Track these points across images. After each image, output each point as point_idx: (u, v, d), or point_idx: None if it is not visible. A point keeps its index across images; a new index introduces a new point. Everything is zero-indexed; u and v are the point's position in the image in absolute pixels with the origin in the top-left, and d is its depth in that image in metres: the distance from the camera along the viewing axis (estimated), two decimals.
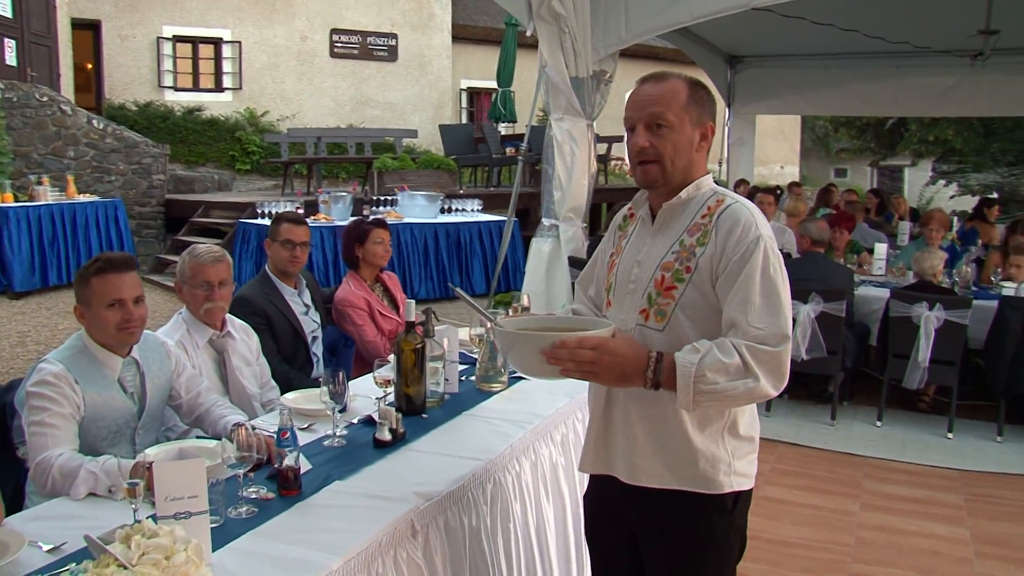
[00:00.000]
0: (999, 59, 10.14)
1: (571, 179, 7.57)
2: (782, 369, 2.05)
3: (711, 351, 2.02)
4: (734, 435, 2.21)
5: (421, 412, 3.22)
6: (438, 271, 10.46)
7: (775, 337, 2.03)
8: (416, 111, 18.98)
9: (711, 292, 2.13)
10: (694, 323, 2.15)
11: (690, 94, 2.19)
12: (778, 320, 2.05)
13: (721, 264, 2.11)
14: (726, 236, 2.11)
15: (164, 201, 12.47)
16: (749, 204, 2.20)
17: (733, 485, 2.20)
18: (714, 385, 2.00)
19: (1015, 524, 4.76)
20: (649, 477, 2.22)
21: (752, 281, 2.06)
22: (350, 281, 4.68)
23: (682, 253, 2.17)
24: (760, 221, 2.13)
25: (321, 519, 2.30)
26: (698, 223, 2.18)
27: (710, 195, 2.23)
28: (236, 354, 3.56)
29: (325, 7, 17.87)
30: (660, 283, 2.19)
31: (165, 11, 16.35)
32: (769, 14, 8.00)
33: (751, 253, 2.08)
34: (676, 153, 2.18)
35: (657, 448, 2.20)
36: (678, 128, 2.17)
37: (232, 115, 16.75)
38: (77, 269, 2.95)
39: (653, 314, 2.19)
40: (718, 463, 2.18)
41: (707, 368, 2.00)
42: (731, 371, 2.00)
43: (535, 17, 7.04)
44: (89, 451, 2.68)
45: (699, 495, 2.18)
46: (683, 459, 2.18)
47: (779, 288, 2.08)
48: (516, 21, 15.71)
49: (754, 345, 2.02)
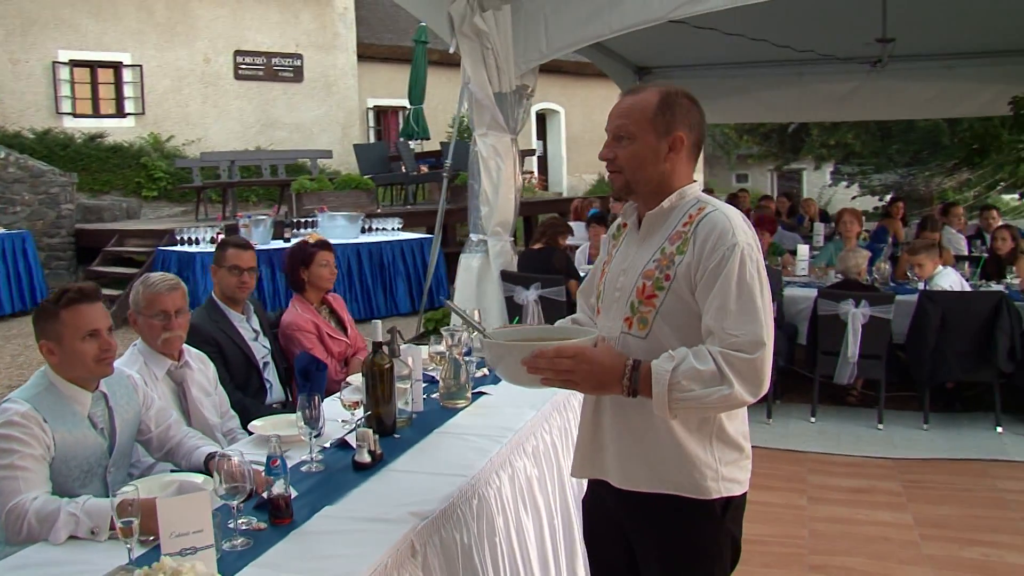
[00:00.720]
0: (895, 66, 10.61)
1: (498, 194, 7.59)
2: (759, 376, 2.05)
3: (687, 359, 2.05)
4: (722, 440, 2.23)
5: (392, 432, 3.20)
6: (362, 291, 10.37)
7: (751, 344, 2.04)
8: (324, 131, 18.80)
9: (691, 300, 2.16)
10: (675, 331, 2.18)
11: (659, 105, 2.22)
12: (754, 327, 2.06)
13: (699, 272, 2.13)
14: (703, 244, 2.14)
15: (74, 231, 12.07)
16: (730, 211, 2.21)
17: (722, 491, 2.21)
18: (689, 392, 2.03)
19: (952, 506, 4.97)
20: (638, 481, 2.25)
21: (728, 288, 2.08)
22: (296, 305, 4.61)
23: (662, 261, 2.20)
24: (739, 228, 2.14)
25: (321, 546, 2.27)
26: (679, 231, 2.21)
27: (693, 203, 2.25)
28: (195, 384, 3.48)
29: (228, 28, 17.57)
30: (642, 291, 2.21)
31: (60, 35, 15.78)
32: (680, 26, 8.17)
33: (727, 260, 2.09)
34: (636, 163, 2.23)
35: (645, 452, 2.23)
36: (640, 139, 2.21)
37: (136, 141, 16.28)
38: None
39: (636, 322, 2.22)
40: (705, 468, 2.20)
41: (681, 375, 2.03)
42: (705, 378, 2.02)
43: (457, 34, 7.06)
44: (60, 493, 2.57)
45: (687, 500, 2.20)
46: (671, 463, 2.20)
47: (755, 295, 2.09)
48: (426, 39, 15.80)
49: (729, 352, 2.03)
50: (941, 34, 10.09)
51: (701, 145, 2.32)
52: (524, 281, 7.22)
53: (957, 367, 6.17)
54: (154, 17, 16.66)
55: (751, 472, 2.31)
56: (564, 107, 24.68)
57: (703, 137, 2.33)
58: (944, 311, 6.13)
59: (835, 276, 7.11)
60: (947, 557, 4.32)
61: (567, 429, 3.77)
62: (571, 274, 7.28)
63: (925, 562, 4.27)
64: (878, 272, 7.04)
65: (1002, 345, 5.98)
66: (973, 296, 6.34)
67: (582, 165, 25.15)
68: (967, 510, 4.90)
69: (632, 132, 2.21)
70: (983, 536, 4.56)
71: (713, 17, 8.28)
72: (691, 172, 2.32)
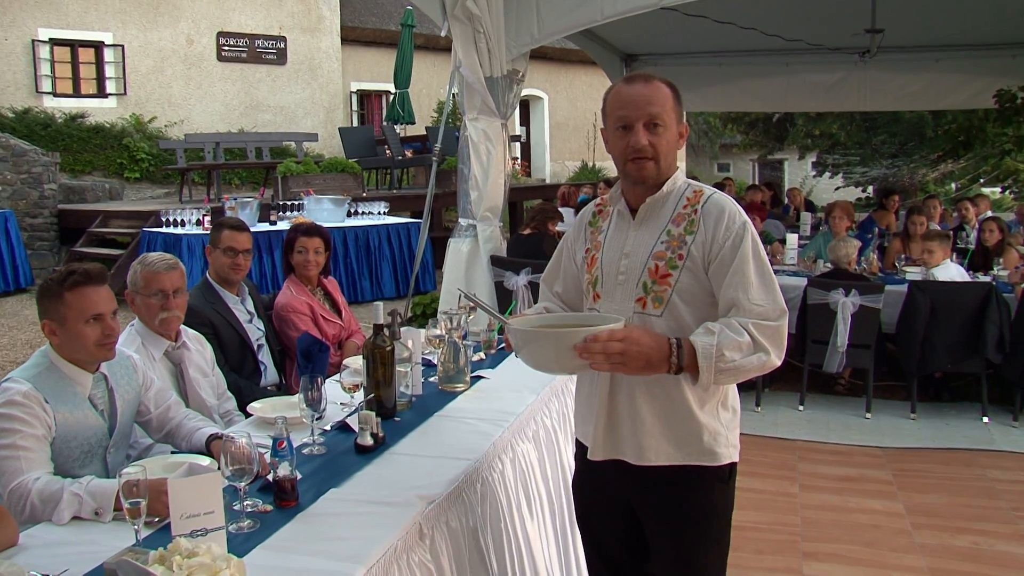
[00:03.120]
0: (883, 56, 10.66)
1: (487, 179, 7.55)
2: (783, 340, 2.24)
3: (723, 331, 2.17)
4: (726, 408, 2.38)
5: (393, 415, 3.18)
6: (348, 275, 10.31)
7: (775, 312, 2.22)
8: (308, 115, 18.67)
9: (704, 277, 2.29)
10: (690, 307, 2.29)
11: (674, 96, 2.33)
12: (775, 296, 2.24)
13: (712, 250, 2.27)
14: (715, 224, 2.28)
15: (57, 211, 11.92)
16: (725, 194, 2.38)
17: (730, 456, 2.38)
18: (732, 362, 2.16)
19: (941, 495, 5.01)
20: (658, 455, 2.33)
21: (747, 263, 2.23)
22: (291, 286, 4.57)
23: (672, 242, 2.31)
24: (739, 209, 2.32)
25: (329, 528, 2.25)
26: (681, 213, 2.34)
27: (685, 187, 2.39)
28: (193, 365, 3.44)
29: (211, 9, 17.38)
30: (655, 271, 2.31)
31: (40, 13, 15.54)
32: (670, 13, 8.13)
33: (741, 238, 2.25)
34: (668, 151, 2.33)
35: (665, 427, 2.33)
36: (670, 127, 2.32)
37: (118, 121, 16.09)
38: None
39: (651, 301, 2.31)
40: (718, 435, 2.34)
41: (724, 347, 2.15)
42: (744, 348, 2.16)
43: (449, 17, 7.01)
44: (60, 473, 2.54)
45: (704, 468, 2.34)
46: (690, 435, 2.32)
47: (768, 268, 2.28)
48: (412, 22, 15.70)
49: (759, 322, 2.19)
50: (929, 26, 10.13)
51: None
52: (514, 266, 7.20)
53: (946, 357, 6.20)
54: None
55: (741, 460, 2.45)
56: (548, 94, 24.64)
57: None
58: (934, 301, 6.16)
59: (824, 266, 7.14)
60: (938, 545, 4.36)
61: (565, 414, 3.76)
62: None
63: (917, 550, 4.30)
64: (867, 262, 7.06)
65: (990, 336, 6.03)
66: (963, 287, 6.38)
67: (565, 152, 25.13)
68: (956, 499, 4.95)
69: (665, 121, 2.29)
70: (973, 524, 4.60)
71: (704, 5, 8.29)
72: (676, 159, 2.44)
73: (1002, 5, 9.10)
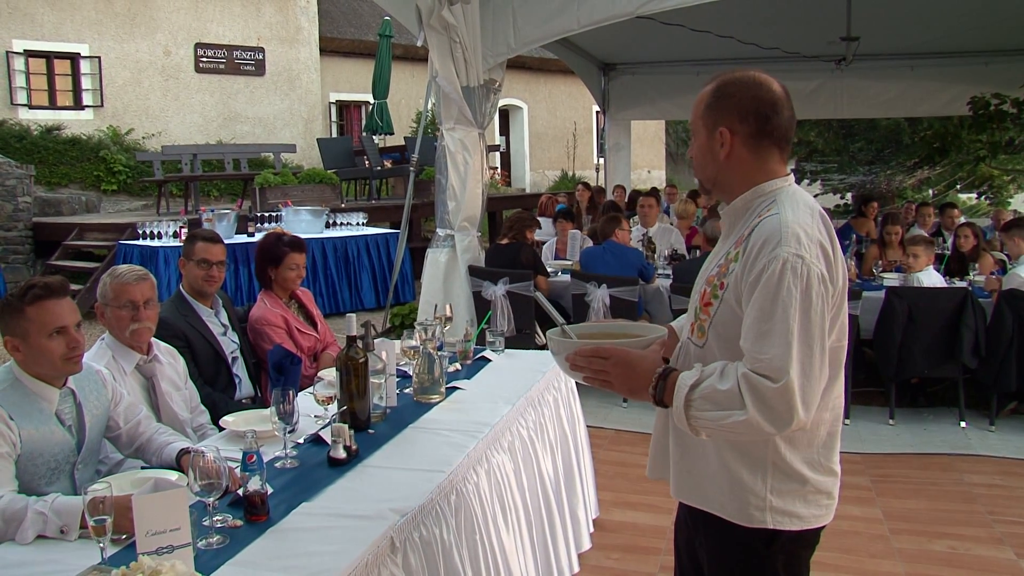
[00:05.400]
0: (858, 64, 10.75)
1: (465, 188, 7.55)
2: (784, 406, 1.81)
3: (712, 375, 1.90)
4: (780, 469, 2.01)
5: (367, 428, 3.16)
6: (327, 286, 10.27)
7: (776, 370, 1.82)
8: (286, 126, 18.62)
9: (740, 312, 1.95)
10: (726, 343, 1.99)
11: (709, 100, 2.07)
12: (780, 351, 1.83)
13: (744, 283, 1.94)
14: (750, 252, 1.94)
15: (31, 224, 11.81)
16: (793, 216, 1.95)
17: (767, 522, 2.01)
18: (704, 412, 1.88)
19: (919, 500, 5.02)
20: (682, 493, 2.17)
21: (762, 304, 1.88)
22: (265, 299, 4.53)
23: (722, 267, 2.04)
24: (792, 236, 1.89)
25: (299, 543, 2.23)
26: (743, 235, 2.01)
27: (766, 203, 2.03)
28: (165, 379, 3.40)
29: (189, 20, 17.30)
30: (703, 297, 2.07)
31: (14, 24, 15.40)
32: (647, 22, 8.20)
33: (766, 273, 1.88)
34: (698, 161, 2.13)
35: (689, 466, 2.13)
36: (697, 136, 2.11)
37: (94, 133, 15.98)
38: None
39: (696, 329, 2.09)
40: (749, 495, 2.01)
41: (699, 393, 1.89)
42: (721, 400, 1.86)
43: (425, 27, 7.01)
44: (26, 491, 2.50)
45: (729, 523, 2.06)
46: (715, 482, 2.06)
47: (790, 314, 1.84)
48: (390, 32, 15.69)
49: (753, 376, 1.84)
50: (904, 34, 10.24)
51: (776, 132, 2.05)
52: (492, 276, 7.18)
53: (923, 362, 6.22)
54: (113, 7, 16.36)
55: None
56: (527, 103, 24.69)
57: (772, 123, 2.04)
58: (911, 307, 6.18)
59: None
60: (916, 550, 4.36)
61: (542, 424, 3.75)
62: (539, 269, 7.26)
63: (895, 555, 4.30)
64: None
65: (967, 341, 6.05)
66: (939, 292, 6.40)
67: (545, 161, 25.16)
68: (934, 504, 4.96)
69: (695, 127, 2.11)
70: (951, 529, 4.61)
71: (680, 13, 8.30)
72: (769, 165, 2.07)
73: (975, 14, 9.20)
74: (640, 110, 13.79)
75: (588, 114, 25.54)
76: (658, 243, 8.37)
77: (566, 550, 3.75)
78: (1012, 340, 6.01)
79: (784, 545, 2.05)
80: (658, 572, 4.10)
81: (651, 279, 7.17)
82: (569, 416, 4.20)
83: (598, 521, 4.50)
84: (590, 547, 4.18)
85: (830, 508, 2.08)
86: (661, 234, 8.78)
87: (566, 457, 4.03)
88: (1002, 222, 8.50)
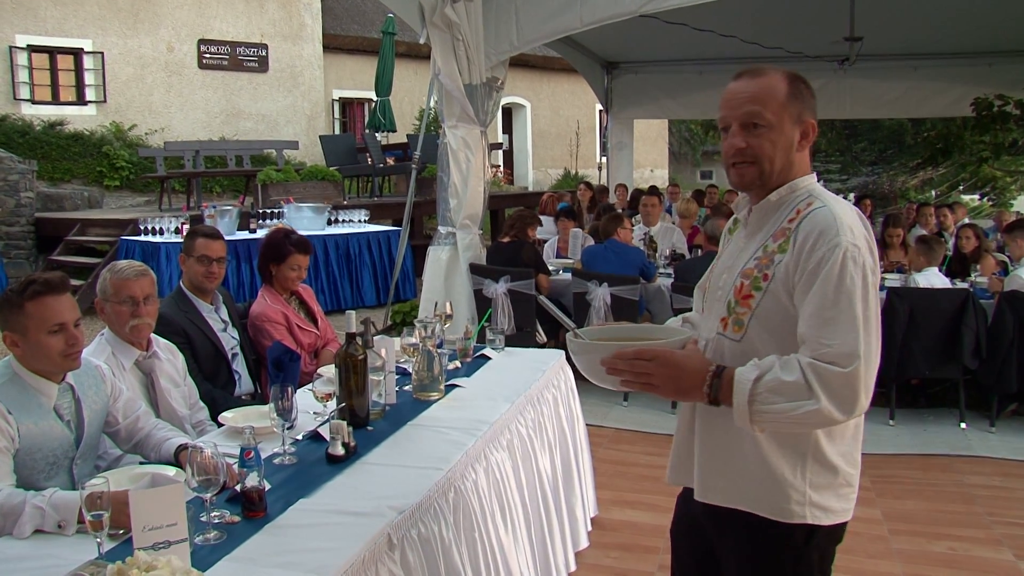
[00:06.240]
0: (862, 64, 10.74)
1: (467, 186, 7.54)
2: (853, 392, 1.84)
3: (773, 368, 1.89)
4: (819, 462, 2.02)
5: (366, 424, 3.17)
6: (329, 283, 10.29)
7: (845, 356, 1.84)
8: (289, 123, 18.63)
9: (788, 303, 1.98)
10: (771, 335, 2.00)
11: (789, 90, 2.03)
12: (849, 337, 1.85)
13: (797, 274, 1.95)
14: (803, 243, 1.96)
15: (34, 220, 11.83)
16: (840, 208, 2.01)
17: (807, 517, 2.01)
18: (772, 405, 1.87)
19: (919, 501, 5.01)
20: (714, 494, 2.12)
21: (825, 293, 1.89)
22: (265, 295, 4.53)
23: (763, 260, 2.03)
24: (845, 227, 1.94)
25: (296, 540, 2.23)
26: (783, 227, 2.03)
27: (803, 197, 2.06)
28: (164, 375, 3.40)
29: (192, 17, 17.32)
30: (739, 291, 2.06)
31: (17, 19, 15.41)
32: (650, 21, 8.18)
33: (826, 262, 1.90)
34: (775, 153, 2.04)
35: (724, 464, 2.09)
36: (776, 127, 2.02)
37: (97, 129, 15.99)
38: None
39: (731, 323, 2.06)
40: (790, 490, 2.00)
41: (764, 387, 1.88)
42: (789, 391, 1.86)
43: (428, 25, 7.00)
44: (25, 485, 2.50)
45: (766, 520, 2.04)
46: (752, 479, 2.04)
47: (855, 301, 1.88)
48: (394, 30, 15.69)
49: (820, 364, 1.85)
50: (908, 34, 10.23)
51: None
52: (493, 274, 7.18)
53: (924, 363, 6.22)
54: (117, 3, 16.37)
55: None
56: (531, 101, 24.69)
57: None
58: (912, 307, 6.18)
59: None
60: (915, 551, 4.36)
61: (541, 422, 3.75)
62: (540, 268, 7.26)
63: (894, 556, 4.30)
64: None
65: (967, 342, 6.04)
66: (940, 293, 6.40)
67: (548, 159, 25.16)
68: (934, 505, 4.95)
69: (768, 120, 2.01)
70: (950, 530, 4.60)
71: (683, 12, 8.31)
72: (808, 163, 2.14)
73: (978, 15, 9.19)
74: (643, 109, 13.78)
75: (591, 112, 25.53)
76: (660, 242, 8.37)
77: (563, 548, 3.75)
78: (1013, 341, 6.00)
79: (819, 540, 2.05)
80: (656, 571, 4.10)
81: (652, 278, 7.17)
82: (568, 414, 4.20)
83: (597, 520, 4.50)
84: (588, 546, 4.17)
85: (853, 502, 2.09)
86: (663, 233, 8.77)
87: (565, 455, 4.03)
88: (1004, 223, 8.50)
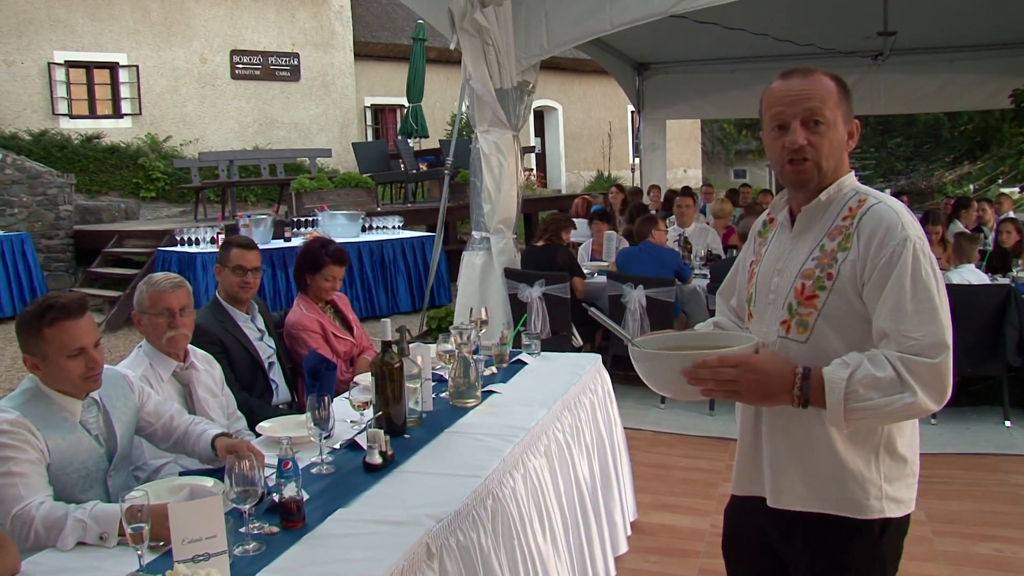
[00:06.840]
0: (896, 59, 10.61)
1: (500, 191, 7.54)
2: (943, 382, 1.89)
3: (862, 365, 1.89)
4: (890, 454, 2.05)
5: (403, 432, 3.16)
6: (364, 290, 10.33)
7: (933, 347, 1.88)
8: (322, 131, 18.76)
9: (856, 300, 2.00)
10: (839, 333, 2.02)
11: (840, 90, 2.07)
12: (934, 328, 1.90)
13: (866, 271, 1.97)
14: (869, 239, 1.98)
15: (73, 232, 12.02)
16: (894, 203, 2.06)
17: (884, 510, 2.04)
18: (867, 402, 1.87)
19: (963, 501, 4.92)
20: (791, 499, 2.10)
21: (902, 286, 1.92)
22: (301, 304, 4.56)
23: (823, 259, 2.04)
24: (907, 221, 1.98)
25: (334, 550, 2.23)
26: (839, 226, 2.05)
27: (851, 195, 2.09)
28: (201, 385, 3.43)
29: (224, 28, 17.51)
30: (801, 292, 2.06)
31: (55, 35, 15.70)
32: (680, 21, 8.14)
33: (898, 256, 1.93)
34: (832, 152, 2.06)
35: (800, 467, 2.08)
36: (833, 125, 2.05)
37: (133, 141, 16.22)
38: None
39: (795, 325, 2.06)
40: (868, 485, 2.03)
41: (859, 384, 1.87)
42: (884, 386, 1.87)
43: (458, 30, 7.01)
44: (61, 499, 2.51)
45: (843, 519, 2.05)
46: (829, 479, 2.05)
47: (933, 292, 1.93)
48: (424, 36, 15.74)
49: (909, 357, 1.88)
50: (942, 27, 10.08)
51: None
52: (528, 278, 7.17)
53: (965, 361, 6.10)
54: (150, 17, 16.60)
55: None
56: (562, 104, 24.66)
57: None
58: (952, 304, 6.05)
59: None
60: (961, 553, 4.28)
61: (578, 427, 3.73)
62: (575, 271, 7.24)
63: (939, 558, 4.22)
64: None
65: (1010, 338, 5.94)
66: (981, 289, 6.29)
67: (580, 162, 25.12)
68: (979, 505, 4.86)
69: (828, 118, 2.03)
70: (996, 531, 4.51)
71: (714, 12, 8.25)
72: (848, 162, 2.15)
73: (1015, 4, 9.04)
74: (675, 109, 13.71)
75: (623, 114, 25.46)
76: (694, 243, 8.32)
77: (602, 554, 3.72)
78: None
79: (892, 532, 2.07)
80: (696, 575, 4.07)
81: (688, 279, 7.13)
82: (606, 418, 4.17)
83: (636, 524, 4.47)
84: (627, 550, 4.14)
85: (916, 492, 2.12)
86: (697, 234, 8.71)
87: (603, 460, 4.01)
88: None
